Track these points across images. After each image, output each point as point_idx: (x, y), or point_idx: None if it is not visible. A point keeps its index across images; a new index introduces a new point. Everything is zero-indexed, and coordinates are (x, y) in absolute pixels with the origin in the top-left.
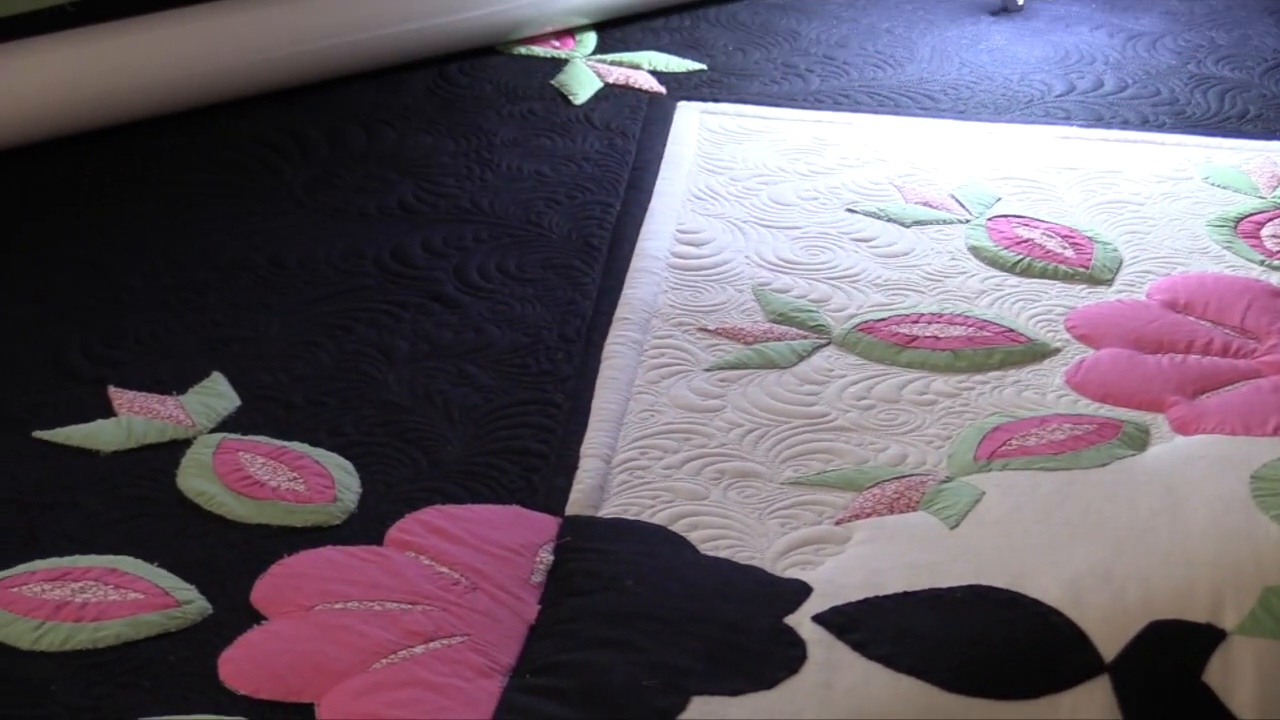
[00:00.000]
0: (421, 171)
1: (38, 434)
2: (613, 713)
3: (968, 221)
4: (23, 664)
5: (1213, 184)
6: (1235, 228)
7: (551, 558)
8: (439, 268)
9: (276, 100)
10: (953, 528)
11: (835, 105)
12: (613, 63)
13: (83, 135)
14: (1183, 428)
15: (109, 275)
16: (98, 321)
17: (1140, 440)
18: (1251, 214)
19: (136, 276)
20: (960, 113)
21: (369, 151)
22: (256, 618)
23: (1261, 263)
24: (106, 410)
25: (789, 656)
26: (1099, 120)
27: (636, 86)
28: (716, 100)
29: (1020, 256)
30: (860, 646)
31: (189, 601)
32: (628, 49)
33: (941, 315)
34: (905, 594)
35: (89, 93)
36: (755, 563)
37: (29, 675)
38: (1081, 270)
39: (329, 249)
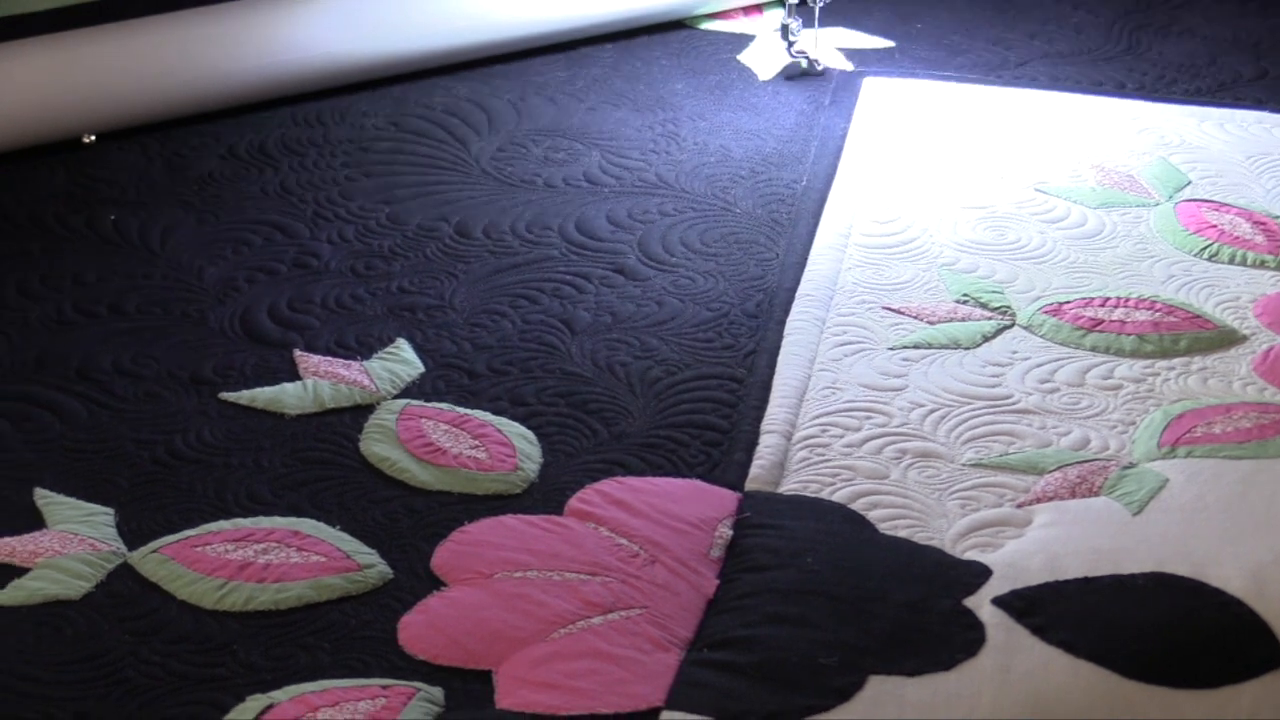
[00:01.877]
0: (607, 144)
1: (224, 395)
2: (790, 689)
3: (1156, 205)
4: (205, 623)
5: None
6: None
7: (731, 533)
8: (623, 240)
9: (466, 72)
10: (1135, 514)
11: (1023, 83)
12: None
13: (273, 102)
14: None
15: (297, 240)
16: (285, 285)
17: None
18: None
19: (324, 242)
20: (1152, 94)
21: (556, 124)
22: (436, 584)
23: None
24: (292, 374)
25: (968, 639)
26: None
27: (824, 62)
28: (904, 77)
29: (1209, 242)
30: (1040, 631)
31: (370, 566)
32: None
33: (1128, 299)
34: (1086, 579)
35: (279, 60)
36: (935, 544)
37: (211, 634)
38: (1271, 257)
39: (514, 219)
